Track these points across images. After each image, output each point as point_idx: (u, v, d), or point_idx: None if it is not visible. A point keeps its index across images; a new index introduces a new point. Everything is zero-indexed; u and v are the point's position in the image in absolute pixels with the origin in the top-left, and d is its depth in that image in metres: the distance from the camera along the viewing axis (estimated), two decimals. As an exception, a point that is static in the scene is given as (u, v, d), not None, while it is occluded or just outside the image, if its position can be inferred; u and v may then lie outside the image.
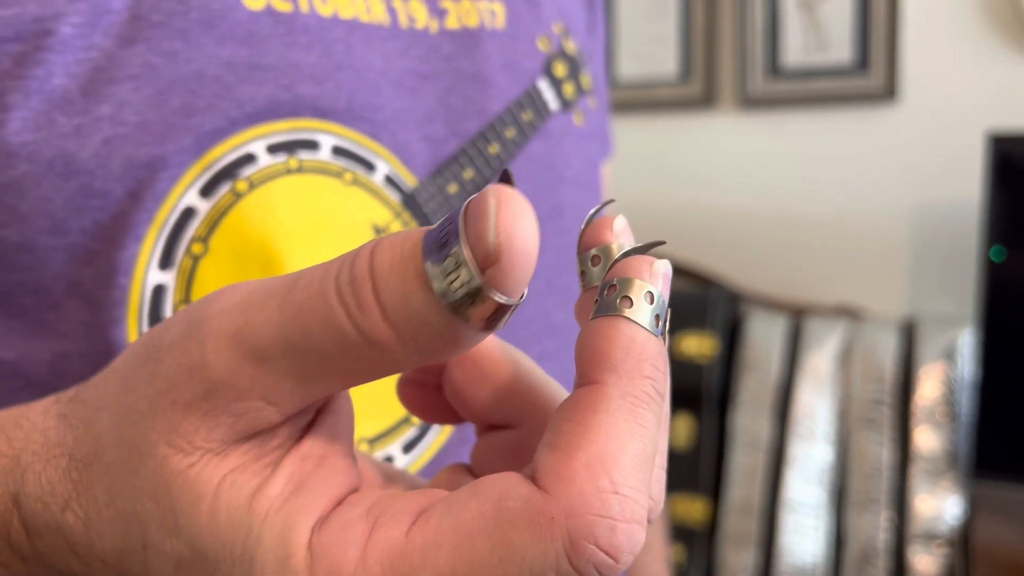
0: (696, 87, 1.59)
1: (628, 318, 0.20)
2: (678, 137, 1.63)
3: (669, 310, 0.21)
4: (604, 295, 0.20)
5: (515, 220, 0.17)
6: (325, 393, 0.20)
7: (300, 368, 0.19)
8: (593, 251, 0.22)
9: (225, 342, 0.19)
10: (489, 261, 0.17)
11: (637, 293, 0.20)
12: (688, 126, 1.62)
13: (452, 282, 0.17)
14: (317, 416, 0.21)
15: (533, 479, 0.18)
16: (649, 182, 1.63)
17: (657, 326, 0.20)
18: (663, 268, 0.20)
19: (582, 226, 0.23)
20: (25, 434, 0.23)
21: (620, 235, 0.22)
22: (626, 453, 0.18)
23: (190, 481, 0.19)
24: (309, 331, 0.18)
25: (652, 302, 0.20)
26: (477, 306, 0.18)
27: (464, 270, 0.17)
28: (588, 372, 0.19)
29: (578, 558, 0.17)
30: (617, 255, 0.21)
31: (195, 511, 0.19)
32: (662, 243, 0.21)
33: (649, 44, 1.62)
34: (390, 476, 0.25)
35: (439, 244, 0.18)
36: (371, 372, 0.19)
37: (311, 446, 0.20)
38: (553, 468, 0.18)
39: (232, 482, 0.19)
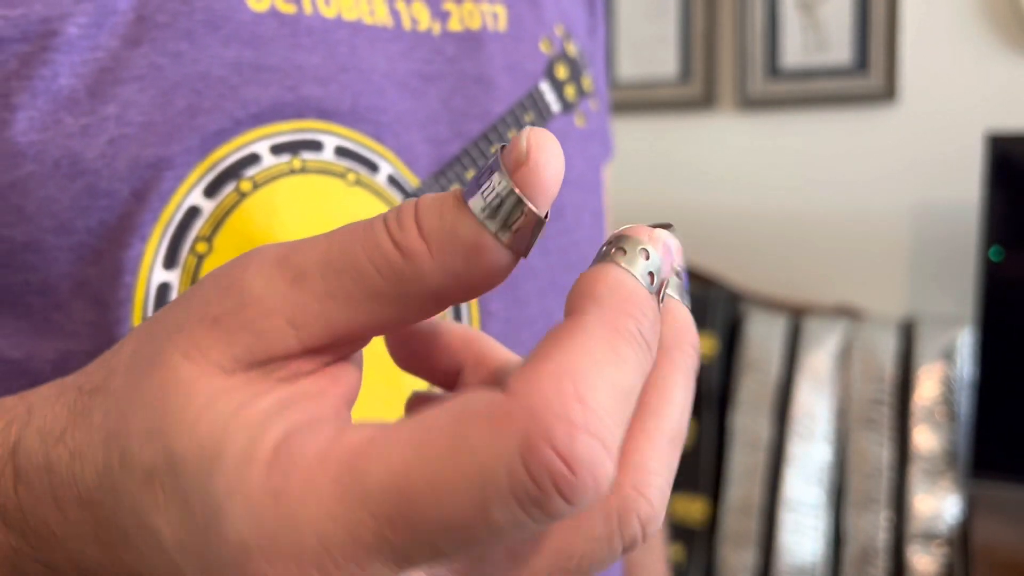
0: (696, 88, 1.60)
1: (618, 264, 0.20)
2: (678, 137, 1.63)
3: (670, 280, 0.21)
4: (601, 251, 0.21)
5: (544, 135, 0.19)
6: (349, 326, 0.20)
7: (333, 289, 0.19)
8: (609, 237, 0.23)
9: (268, 262, 0.20)
10: (519, 162, 0.19)
11: (632, 247, 0.20)
12: (688, 126, 1.62)
13: (486, 193, 0.19)
14: (324, 370, 0.21)
15: (502, 389, 0.18)
16: (649, 182, 1.63)
17: (651, 283, 0.20)
18: (665, 236, 0.21)
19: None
20: (45, 389, 0.24)
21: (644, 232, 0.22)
22: (598, 373, 0.17)
23: (190, 387, 0.19)
24: (349, 249, 0.19)
25: (647, 259, 0.20)
26: (507, 213, 0.19)
27: (497, 176, 0.19)
28: (571, 307, 0.19)
29: (532, 459, 0.16)
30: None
31: (183, 413, 0.19)
32: (669, 225, 0.21)
33: (649, 44, 1.62)
34: None
35: (477, 183, 0.20)
36: (400, 295, 0.20)
37: (311, 384, 0.21)
38: (521, 374, 0.17)
39: (228, 394, 0.19)
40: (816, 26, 1.51)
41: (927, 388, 1.33)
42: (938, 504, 1.30)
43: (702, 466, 1.45)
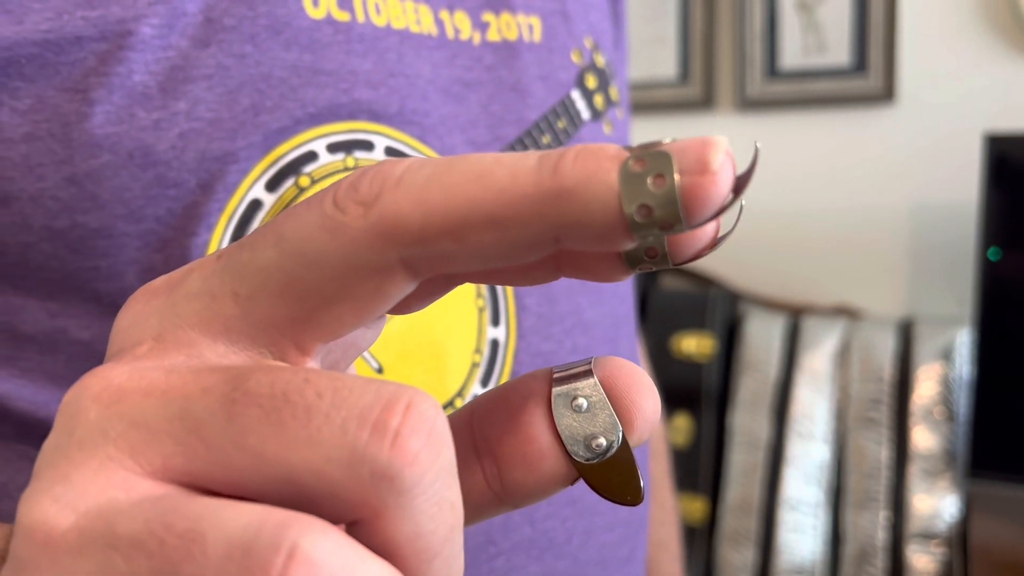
0: (695, 89, 1.60)
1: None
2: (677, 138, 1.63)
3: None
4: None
5: (639, 376, 0.19)
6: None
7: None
8: None
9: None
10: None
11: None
12: (687, 127, 1.63)
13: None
14: None
15: None
16: (648, 183, 1.63)
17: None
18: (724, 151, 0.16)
19: None
20: None
21: None
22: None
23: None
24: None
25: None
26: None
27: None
28: None
29: (340, 195, 0.16)
30: None
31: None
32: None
33: (648, 46, 1.63)
34: None
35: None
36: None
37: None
38: None
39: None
40: (815, 27, 1.51)
41: (926, 388, 1.33)
42: (936, 503, 1.30)
43: (701, 466, 1.45)
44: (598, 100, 0.45)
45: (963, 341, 1.34)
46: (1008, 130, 1.32)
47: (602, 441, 0.19)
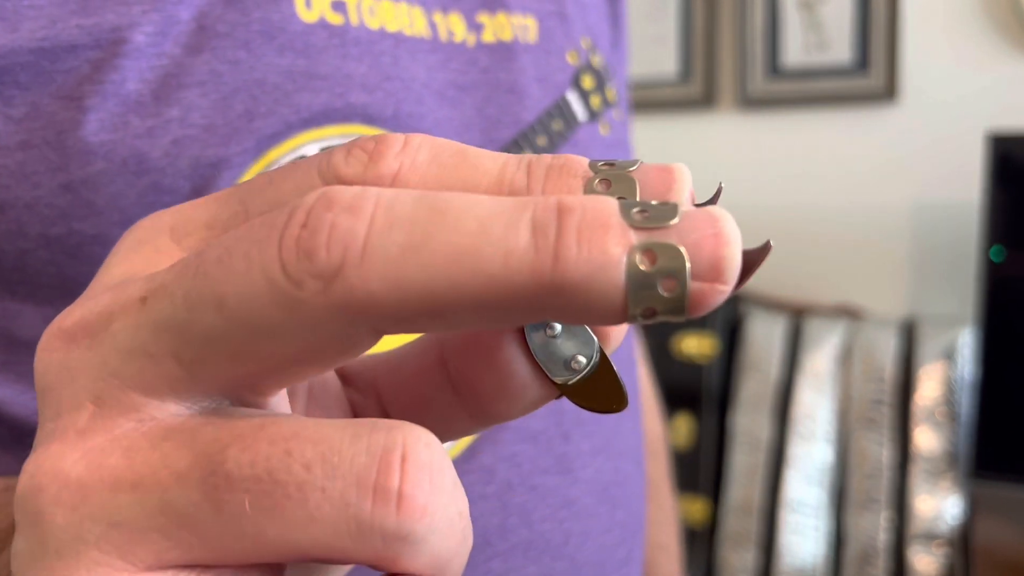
0: (696, 87, 1.60)
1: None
2: (678, 137, 1.63)
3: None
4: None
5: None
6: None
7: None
8: None
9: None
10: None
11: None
12: (688, 126, 1.62)
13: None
14: None
15: None
16: (649, 182, 1.63)
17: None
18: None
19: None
20: None
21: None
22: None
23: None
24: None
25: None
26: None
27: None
28: None
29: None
30: None
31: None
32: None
33: (649, 44, 1.62)
34: None
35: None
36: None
37: None
38: None
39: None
40: (817, 25, 1.51)
41: (928, 388, 1.33)
42: (939, 504, 1.29)
43: (702, 466, 1.45)
44: (595, 101, 0.45)
45: (965, 341, 1.34)
46: (1011, 129, 1.32)
47: (581, 359, 0.19)
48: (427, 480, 0.14)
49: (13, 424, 0.33)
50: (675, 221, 0.14)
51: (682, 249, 0.14)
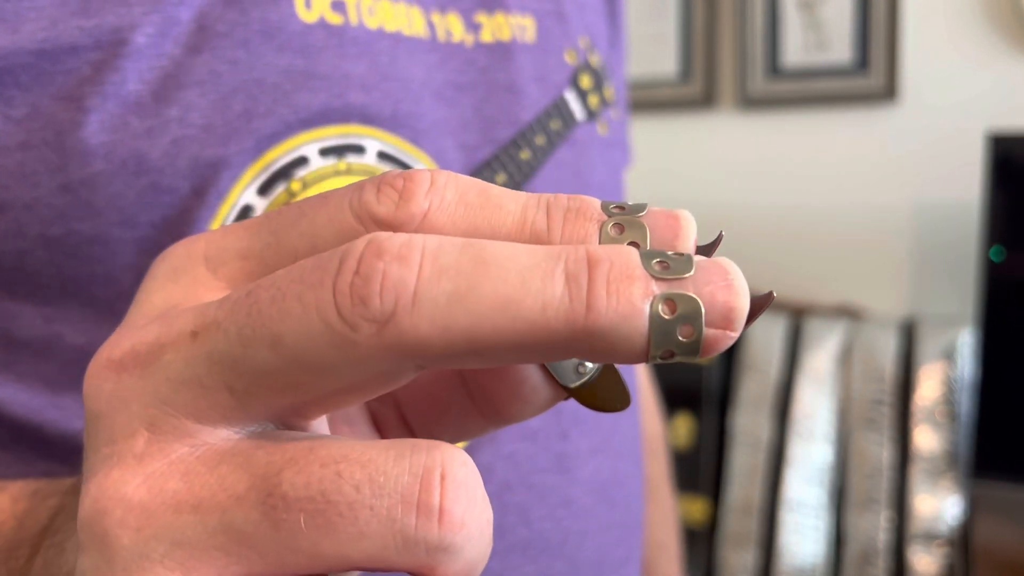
0: (696, 87, 1.60)
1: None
2: (678, 137, 1.63)
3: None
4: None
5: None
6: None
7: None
8: None
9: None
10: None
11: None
12: (688, 126, 1.62)
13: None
14: None
15: None
16: (649, 182, 1.63)
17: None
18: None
19: None
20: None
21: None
22: None
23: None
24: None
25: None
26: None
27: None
28: None
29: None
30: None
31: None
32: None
33: (649, 44, 1.62)
34: None
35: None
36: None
37: None
38: None
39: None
40: (817, 25, 1.51)
41: (928, 388, 1.33)
42: (939, 504, 1.29)
43: (702, 466, 1.45)
44: (592, 100, 0.45)
45: (965, 341, 1.33)
46: (1011, 129, 1.32)
47: (588, 364, 0.20)
48: (464, 496, 0.16)
49: (13, 424, 0.33)
50: (691, 273, 0.16)
51: (699, 299, 0.16)
